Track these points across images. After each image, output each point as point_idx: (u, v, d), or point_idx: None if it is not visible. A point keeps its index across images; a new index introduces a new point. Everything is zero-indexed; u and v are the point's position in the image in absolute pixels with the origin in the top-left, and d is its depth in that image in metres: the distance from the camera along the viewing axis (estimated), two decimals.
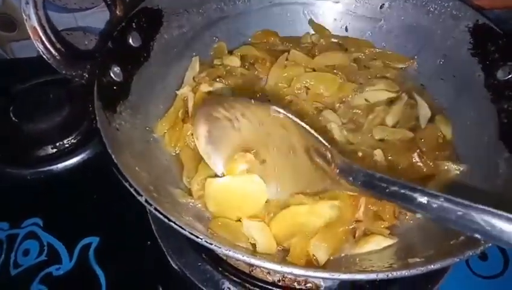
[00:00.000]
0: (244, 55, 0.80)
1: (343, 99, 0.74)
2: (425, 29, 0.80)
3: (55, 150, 0.84)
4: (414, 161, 0.64)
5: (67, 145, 0.85)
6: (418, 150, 0.64)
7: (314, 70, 0.77)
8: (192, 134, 0.64)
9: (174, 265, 0.69)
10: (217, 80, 0.74)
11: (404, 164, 0.64)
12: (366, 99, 0.73)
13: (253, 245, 0.54)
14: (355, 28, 0.87)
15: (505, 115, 0.65)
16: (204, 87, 0.70)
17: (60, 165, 0.82)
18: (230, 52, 0.82)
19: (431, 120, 0.72)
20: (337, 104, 0.73)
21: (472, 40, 0.73)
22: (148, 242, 0.72)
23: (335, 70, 0.77)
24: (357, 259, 0.55)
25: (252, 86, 0.74)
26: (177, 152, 0.67)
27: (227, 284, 0.66)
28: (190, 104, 0.68)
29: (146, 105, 0.69)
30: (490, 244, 0.44)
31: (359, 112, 0.72)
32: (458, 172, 0.64)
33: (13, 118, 0.87)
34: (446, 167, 0.64)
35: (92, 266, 0.71)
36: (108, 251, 0.72)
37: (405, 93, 0.74)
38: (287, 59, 0.78)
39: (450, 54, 0.76)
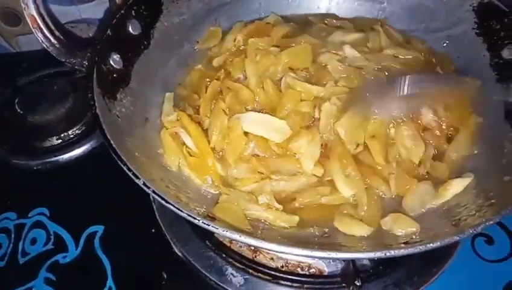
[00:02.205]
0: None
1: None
2: (429, 10, 0.78)
3: (60, 140, 0.85)
4: None
5: (72, 136, 0.86)
6: None
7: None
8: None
9: (178, 252, 0.70)
10: None
11: None
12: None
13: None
14: (359, 11, 0.85)
15: (510, 95, 0.64)
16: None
17: (66, 156, 0.83)
18: None
19: None
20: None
21: (477, 19, 0.71)
22: (153, 230, 0.72)
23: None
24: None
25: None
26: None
27: (230, 270, 0.67)
28: (188, 140, 0.65)
29: (146, 92, 0.69)
30: None
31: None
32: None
33: (19, 110, 0.88)
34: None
35: (98, 254, 0.71)
36: (113, 239, 0.73)
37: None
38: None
39: (455, 34, 0.75)
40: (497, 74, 0.67)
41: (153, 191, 0.46)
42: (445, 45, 0.76)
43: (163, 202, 0.45)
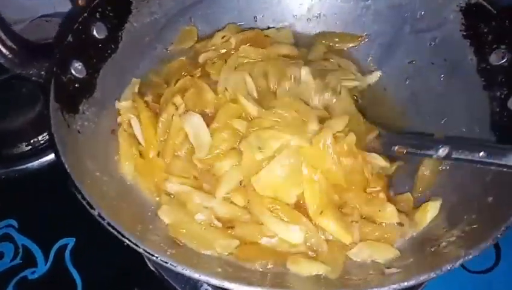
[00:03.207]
0: None
1: None
2: (415, 8, 0.74)
3: (29, 147, 0.81)
4: None
5: (42, 142, 0.82)
6: None
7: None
8: None
9: (151, 267, 0.67)
10: None
11: None
12: None
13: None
14: (343, 8, 0.81)
15: (497, 104, 0.61)
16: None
17: (35, 163, 0.79)
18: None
19: None
20: None
21: (464, 20, 0.67)
22: (126, 243, 0.69)
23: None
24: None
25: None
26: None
27: (205, 286, 0.64)
28: (136, 128, 0.63)
29: (115, 100, 0.65)
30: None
31: None
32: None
33: None
34: None
35: (68, 269, 0.69)
36: (84, 252, 0.71)
37: None
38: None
39: (441, 36, 0.71)
40: (484, 81, 0.63)
41: (108, 223, 0.43)
42: (431, 46, 0.73)
43: (119, 235, 0.42)
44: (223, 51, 0.75)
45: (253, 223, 0.55)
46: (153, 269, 0.67)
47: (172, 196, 0.58)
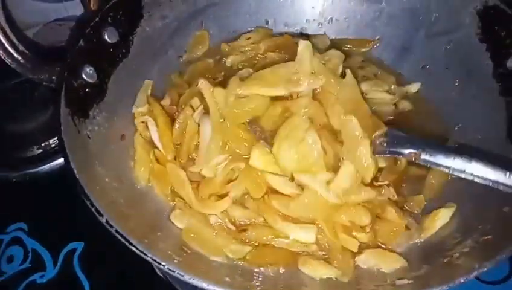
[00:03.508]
0: None
1: None
2: (430, 11, 0.72)
3: (40, 150, 0.82)
4: None
5: (53, 145, 0.82)
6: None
7: None
8: None
9: (159, 272, 0.67)
10: None
11: None
12: None
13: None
14: (356, 12, 0.80)
15: None
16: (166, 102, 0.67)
17: (46, 167, 0.80)
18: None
19: None
20: None
21: (481, 24, 0.66)
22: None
23: None
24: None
25: None
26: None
27: None
28: (153, 131, 0.63)
29: (126, 105, 0.65)
30: None
31: None
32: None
33: None
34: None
35: (76, 273, 0.69)
36: (93, 257, 0.70)
37: None
38: None
39: (456, 40, 0.69)
40: (500, 86, 0.62)
41: (116, 231, 0.43)
42: (446, 50, 0.71)
43: (126, 243, 0.42)
44: (251, 54, 0.74)
45: (266, 225, 0.54)
46: (160, 275, 0.67)
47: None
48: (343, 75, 0.60)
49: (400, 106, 0.70)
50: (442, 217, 0.53)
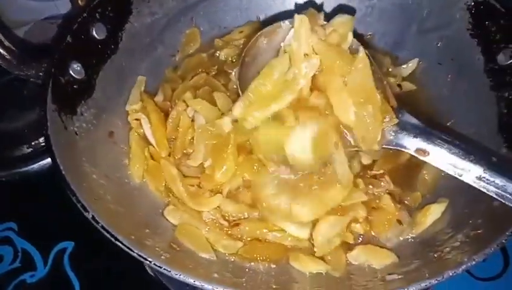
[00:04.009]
0: None
1: None
2: (421, 7, 0.72)
3: (30, 149, 0.81)
4: None
5: (43, 144, 0.81)
6: None
7: None
8: None
9: (150, 272, 0.66)
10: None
11: None
12: None
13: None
14: (346, 7, 0.79)
15: (504, 104, 0.59)
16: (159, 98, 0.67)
17: (36, 166, 0.79)
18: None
19: None
20: None
21: (471, 19, 0.65)
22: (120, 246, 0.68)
23: None
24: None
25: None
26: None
27: None
28: (147, 129, 0.62)
29: (113, 103, 0.65)
30: None
31: None
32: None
33: None
34: None
35: (67, 273, 0.68)
36: (83, 256, 0.70)
37: None
38: None
39: (448, 35, 0.69)
40: (491, 81, 0.62)
41: (102, 227, 0.42)
42: (438, 45, 0.71)
43: (112, 239, 0.41)
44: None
45: (259, 219, 0.54)
46: (152, 274, 0.66)
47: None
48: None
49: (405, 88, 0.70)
50: (434, 212, 0.53)
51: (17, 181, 0.78)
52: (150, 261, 0.41)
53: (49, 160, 0.77)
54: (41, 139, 0.81)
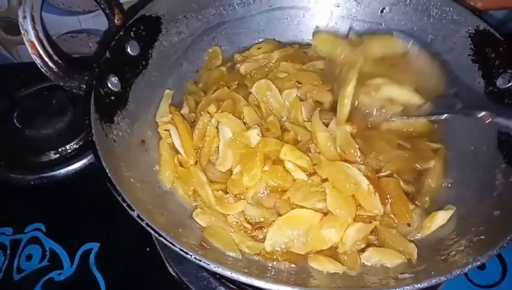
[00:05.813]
0: None
1: None
2: (426, 34, 0.78)
3: (57, 155, 0.86)
4: None
5: (69, 150, 0.86)
6: None
7: None
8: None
9: (172, 272, 0.70)
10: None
11: None
12: None
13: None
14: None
15: None
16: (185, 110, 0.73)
17: (63, 171, 0.83)
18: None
19: None
20: None
21: (472, 45, 0.72)
22: (147, 249, 0.73)
23: None
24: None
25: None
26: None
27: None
28: (176, 139, 0.68)
29: (143, 114, 0.70)
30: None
31: None
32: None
33: (16, 124, 0.89)
34: None
35: (93, 272, 0.72)
36: (108, 257, 0.74)
37: None
38: None
39: (450, 60, 0.75)
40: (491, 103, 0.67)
41: (147, 224, 0.47)
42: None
43: (156, 235, 0.46)
44: (264, 62, 0.80)
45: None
46: (173, 274, 0.70)
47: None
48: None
49: None
50: (440, 218, 0.58)
51: (45, 185, 0.82)
52: (191, 256, 0.45)
53: (75, 166, 0.84)
54: (68, 146, 0.86)
